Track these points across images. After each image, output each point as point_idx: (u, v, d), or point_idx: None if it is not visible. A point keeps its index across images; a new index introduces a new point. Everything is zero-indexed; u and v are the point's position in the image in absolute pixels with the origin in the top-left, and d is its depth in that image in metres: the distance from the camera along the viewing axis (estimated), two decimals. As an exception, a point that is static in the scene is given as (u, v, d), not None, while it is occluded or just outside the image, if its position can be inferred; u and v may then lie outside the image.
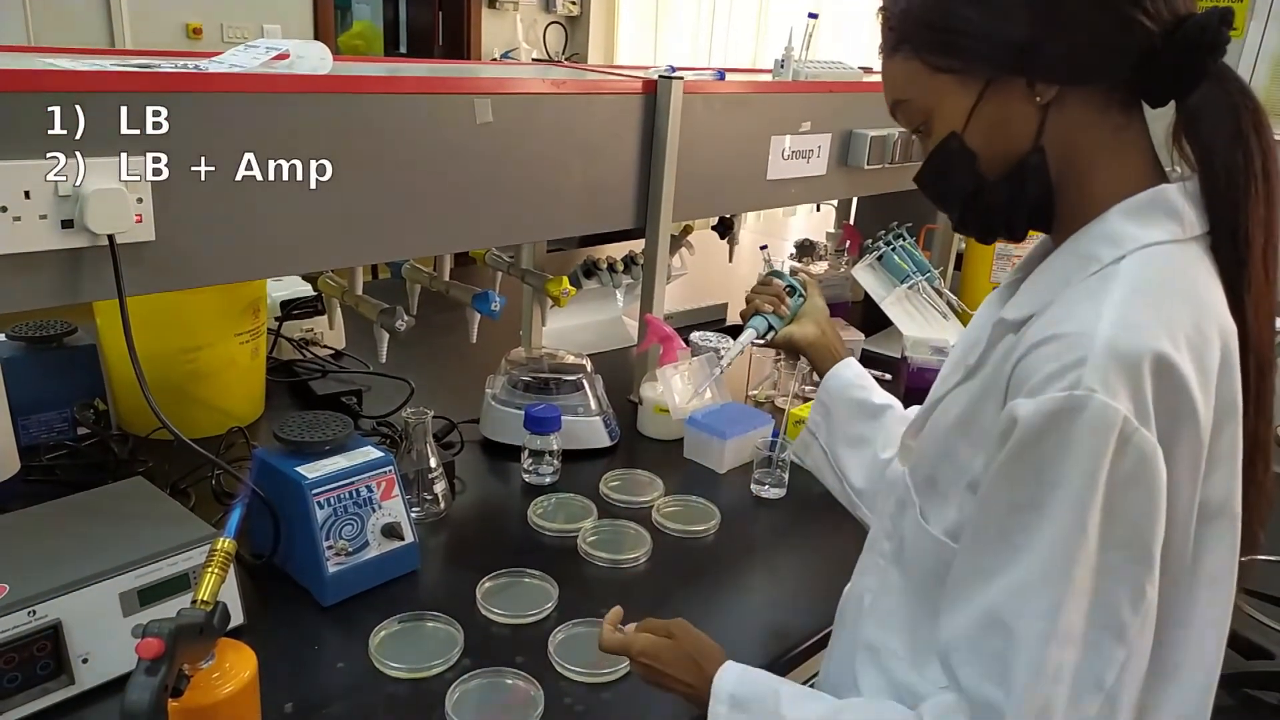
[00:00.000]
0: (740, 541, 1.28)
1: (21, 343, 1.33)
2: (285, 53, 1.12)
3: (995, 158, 0.74)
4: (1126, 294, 0.66)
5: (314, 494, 1.04)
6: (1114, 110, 0.72)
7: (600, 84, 1.43)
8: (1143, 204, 0.71)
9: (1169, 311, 0.66)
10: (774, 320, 1.16)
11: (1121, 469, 0.62)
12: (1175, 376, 0.63)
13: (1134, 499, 0.63)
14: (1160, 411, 0.63)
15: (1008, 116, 0.73)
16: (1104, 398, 0.61)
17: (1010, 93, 0.72)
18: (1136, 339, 0.63)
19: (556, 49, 5.61)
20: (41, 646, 0.85)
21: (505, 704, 0.93)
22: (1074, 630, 0.64)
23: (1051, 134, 0.72)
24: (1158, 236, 0.69)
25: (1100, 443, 0.62)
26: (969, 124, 0.74)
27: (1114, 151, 0.73)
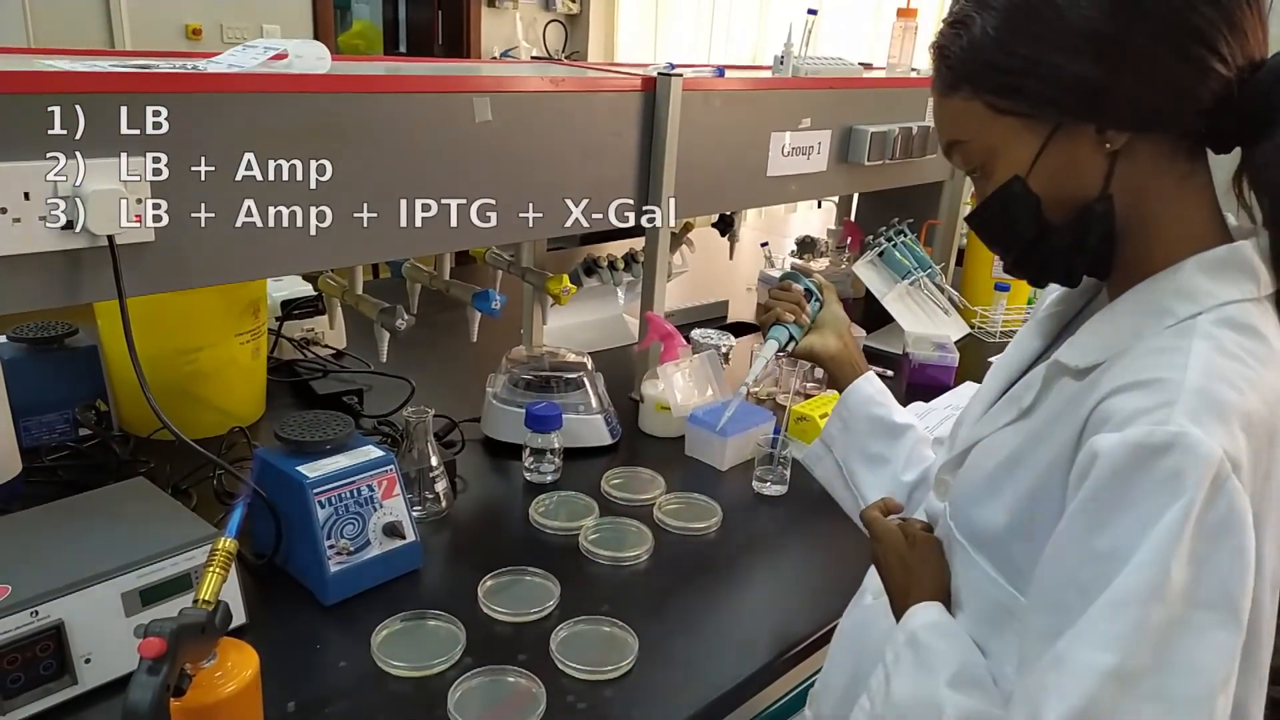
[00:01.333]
0: (742, 539, 1.28)
1: (23, 344, 1.33)
2: (283, 52, 1.12)
3: (1060, 204, 0.71)
4: (1211, 350, 0.64)
5: (315, 493, 1.04)
6: (1181, 158, 0.70)
7: (599, 82, 1.43)
8: (1220, 260, 0.69)
9: (1254, 372, 0.63)
10: (794, 330, 1.13)
11: (1213, 514, 0.58)
12: (1266, 437, 0.61)
13: (1223, 554, 0.58)
14: (1251, 468, 0.60)
15: (1075, 162, 0.70)
16: (1199, 434, 0.58)
17: (1079, 138, 0.69)
18: (1227, 391, 0.61)
19: (556, 47, 5.61)
20: (44, 647, 0.85)
21: (507, 702, 0.93)
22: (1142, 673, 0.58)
23: (1120, 182, 0.69)
24: (1234, 295, 0.67)
25: (1194, 481, 0.58)
26: (1034, 168, 0.71)
27: (1180, 200, 0.71)
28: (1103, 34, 0.66)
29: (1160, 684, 0.58)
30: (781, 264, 2.37)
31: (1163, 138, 0.69)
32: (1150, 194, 0.70)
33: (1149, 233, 0.71)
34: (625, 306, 2.06)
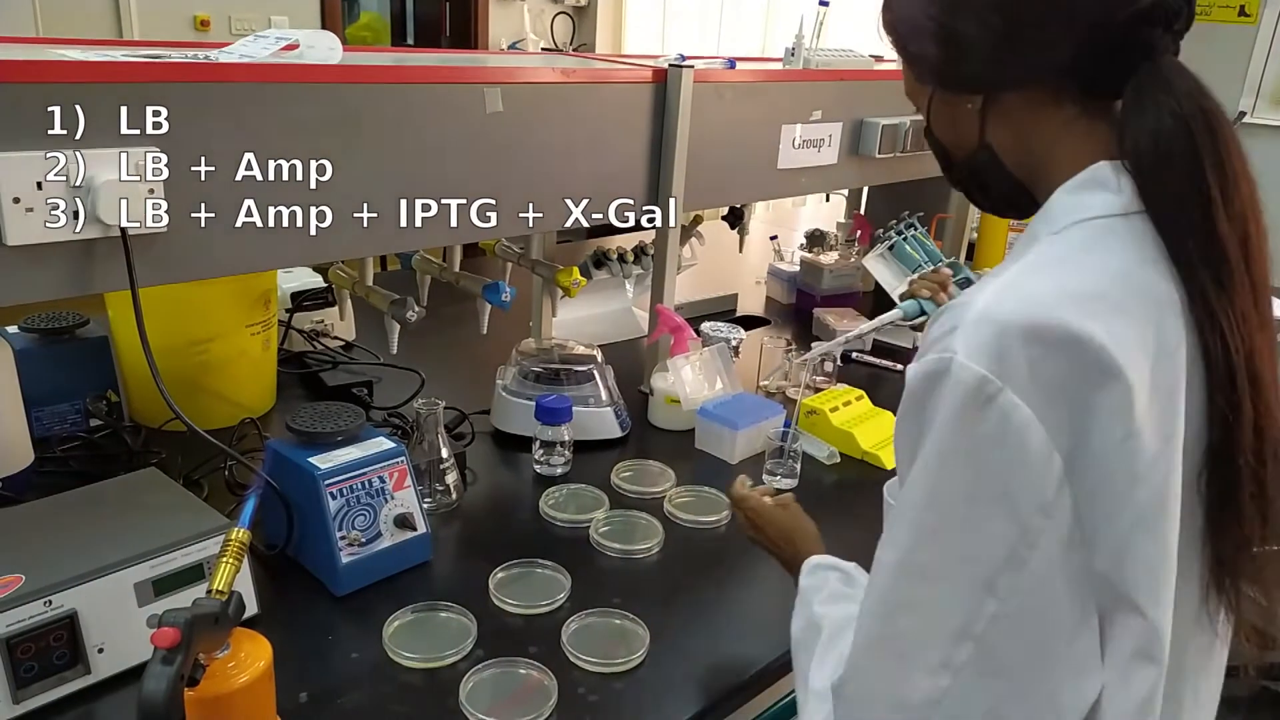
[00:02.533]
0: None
1: (34, 335, 1.33)
2: (295, 43, 1.12)
3: (955, 148, 0.83)
4: (1022, 267, 0.69)
5: (327, 484, 1.04)
6: (1066, 103, 0.75)
7: (610, 73, 1.42)
8: (1081, 180, 0.73)
9: (1060, 279, 0.67)
10: (928, 306, 1.17)
11: (983, 428, 0.63)
12: (1055, 339, 0.63)
13: (1000, 458, 0.63)
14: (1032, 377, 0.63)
15: (953, 118, 0.80)
16: (963, 359, 0.64)
17: (952, 98, 0.79)
18: (1009, 306, 0.65)
19: (564, 39, 5.60)
20: (58, 636, 0.86)
21: (519, 693, 0.93)
22: (929, 569, 0.66)
23: (995, 131, 0.78)
24: (1094, 210, 0.71)
25: (958, 402, 0.64)
26: (929, 120, 0.83)
27: (1068, 141, 0.75)
28: (933, 18, 0.76)
29: (941, 572, 0.65)
30: (791, 258, 2.37)
31: (1032, 91, 0.75)
32: (1033, 139, 0.77)
33: (1044, 172, 0.77)
34: (635, 299, 2.06)
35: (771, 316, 2.23)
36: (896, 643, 0.67)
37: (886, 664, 0.67)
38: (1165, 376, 0.66)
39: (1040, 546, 0.63)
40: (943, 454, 0.65)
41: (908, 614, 0.67)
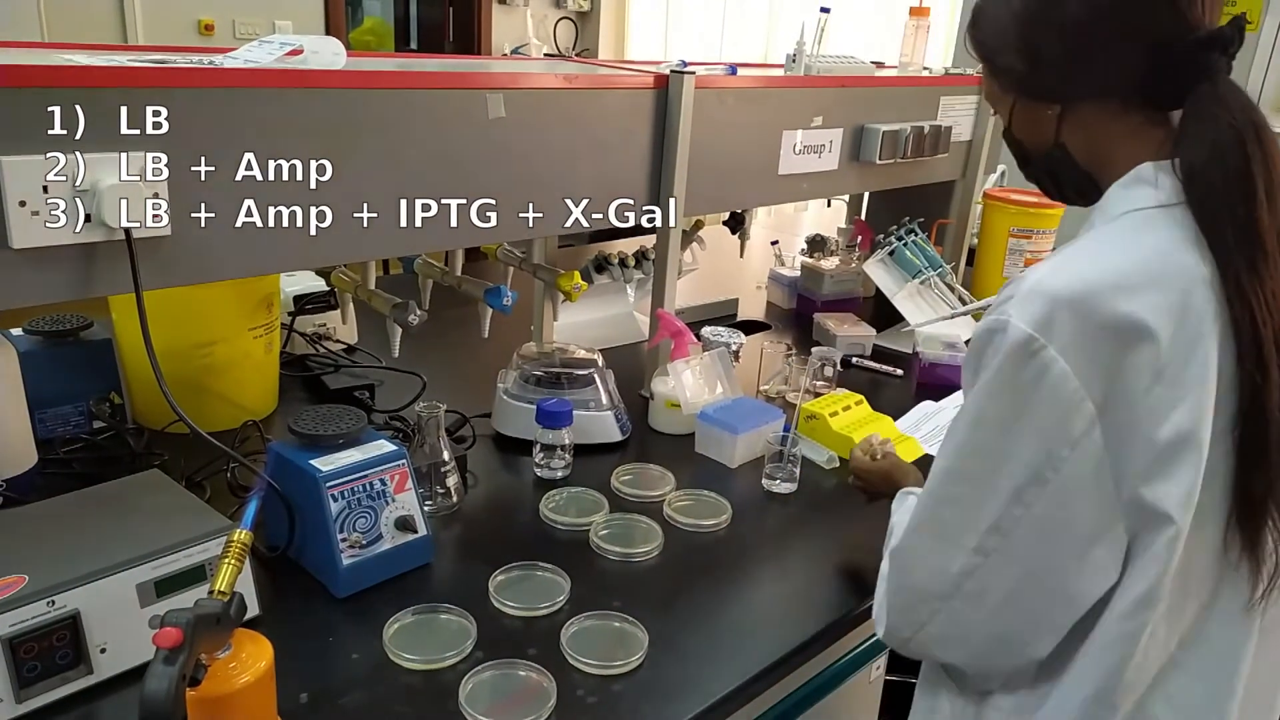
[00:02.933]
0: (752, 535, 1.28)
1: (38, 337, 1.34)
2: (299, 48, 1.12)
3: (1032, 147, 0.95)
4: (1076, 248, 0.83)
5: (328, 487, 1.05)
6: (1133, 112, 0.87)
7: (612, 79, 1.43)
8: (1129, 178, 0.86)
9: (1106, 259, 0.80)
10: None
11: (1025, 375, 0.78)
12: (1094, 309, 0.76)
13: (1035, 399, 0.78)
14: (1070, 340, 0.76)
15: (1033, 120, 0.92)
16: (1015, 321, 0.78)
17: (1032, 106, 0.91)
18: (1059, 280, 0.79)
19: (567, 44, 5.61)
20: (60, 636, 0.86)
21: (518, 695, 0.93)
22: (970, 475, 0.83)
23: (1068, 135, 0.90)
24: (1137, 203, 0.84)
25: (1007, 353, 0.78)
26: (1010, 121, 0.95)
27: (1131, 145, 0.87)
28: (1021, 38, 0.88)
29: (979, 479, 0.82)
30: (792, 263, 2.38)
31: (1105, 101, 0.87)
32: (1101, 142, 0.89)
33: (1108, 169, 0.88)
34: (636, 304, 2.06)
35: (772, 321, 2.24)
36: (941, 526, 0.85)
37: (932, 541, 0.86)
38: (1189, 333, 0.77)
39: (1064, 472, 0.78)
40: (990, 391, 0.80)
41: (951, 506, 0.84)
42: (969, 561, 0.82)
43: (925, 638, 0.87)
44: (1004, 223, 2.19)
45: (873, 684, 1.32)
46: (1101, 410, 0.77)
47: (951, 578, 0.83)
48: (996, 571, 0.82)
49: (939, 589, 0.85)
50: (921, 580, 0.86)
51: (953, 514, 0.84)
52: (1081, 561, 0.80)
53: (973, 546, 0.82)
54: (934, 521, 0.85)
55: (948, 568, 0.83)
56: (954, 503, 0.84)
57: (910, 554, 0.88)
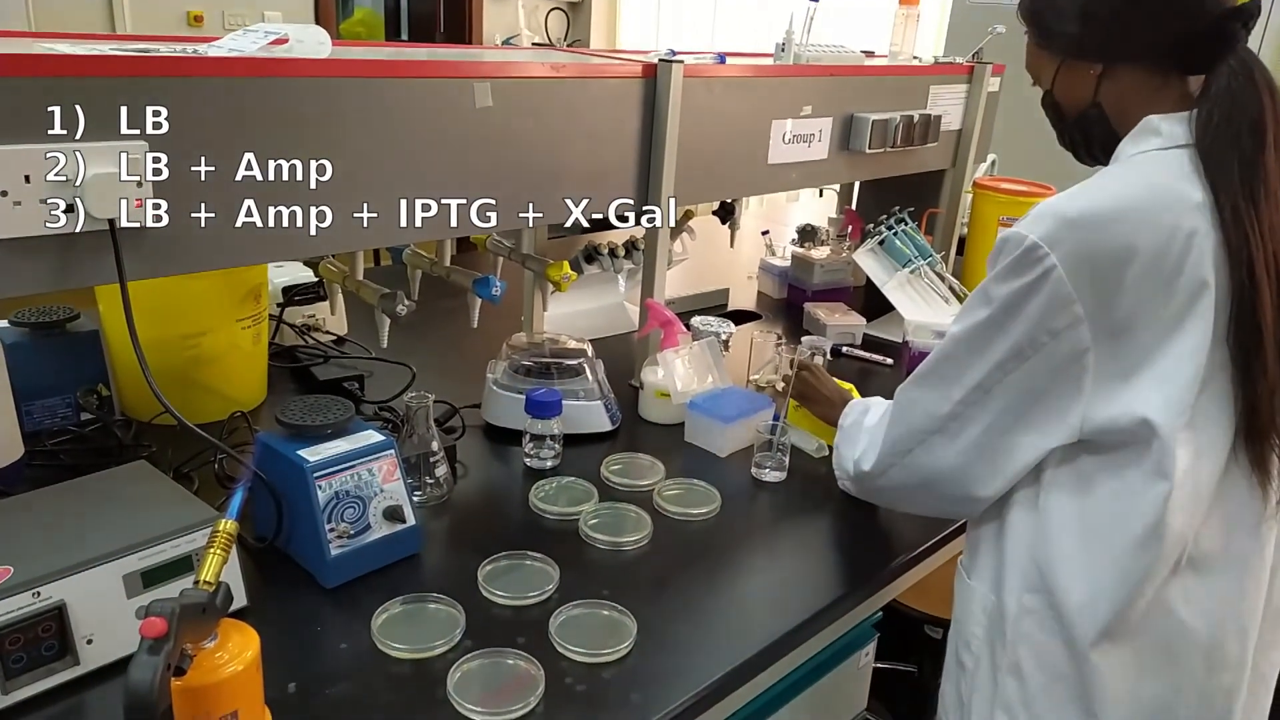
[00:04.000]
0: (741, 524, 1.29)
1: (25, 328, 1.33)
2: (284, 37, 1.12)
3: (1070, 108, 1.08)
4: (1088, 182, 0.96)
5: (316, 477, 1.04)
6: (1156, 76, 1.00)
7: (600, 68, 1.42)
8: (1138, 129, 0.99)
9: (1106, 188, 0.95)
10: None
11: (1024, 275, 0.93)
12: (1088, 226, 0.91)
13: (1028, 292, 0.93)
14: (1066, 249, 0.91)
15: (1074, 81, 1.05)
16: (1024, 232, 0.94)
17: (1075, 67, 1.05)
18: (1067, 203, 0.93)
19: (558, 34, 5.59)
20: (46, 627, 0.86)
21: (507, 684, 0.93)
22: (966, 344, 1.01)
23: (1105, 95, 1.03)
24: (1144, 147, 0.98)
25: (1014, 254, 0.94)
26: (1054, 85, 1.08)
27: (1155, 104, 0.99)
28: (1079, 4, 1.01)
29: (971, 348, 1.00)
30: (782, 252, 2.37)
31: (1136, 65, 1.01)
32: (1130, 102, 1.02)
33: (1132, 125, 1.01)
34: (626, 294, 2.06)
35: (763, 311, 2.24)
36: (940, 378, 1.04)
37: (931, 389, 1.05)
38: (1178, 249, 0.90)
39: (1040, 354, 0.95)
40: (997, 281, 0.96)
41: (950, 363, 1.02)
42: (954, 409, 1.02)
43: (899, 471, 1.10)
44: (994, 211, 2.20)
45: (861, 670, 1.33)
46: (1092, 315, 0.91)
47: (939, 419, 1.04)
48: (972, 419, 1.01)
49: (927, 425, 1.05)
50: (917, 419, 1.06)
51: (950, 369, 1.02)
52: (1032, 427, 0.98)
53: (959, 397, 1.01)
54: (935, 373, 1.04)
55: (938, 410, 1.03)
56: (953, 360, 1.02)
57: (909, 397, 1.08)
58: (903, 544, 1.26)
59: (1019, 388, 0.97)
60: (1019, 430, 0.99)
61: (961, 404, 1.01)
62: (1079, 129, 1.08)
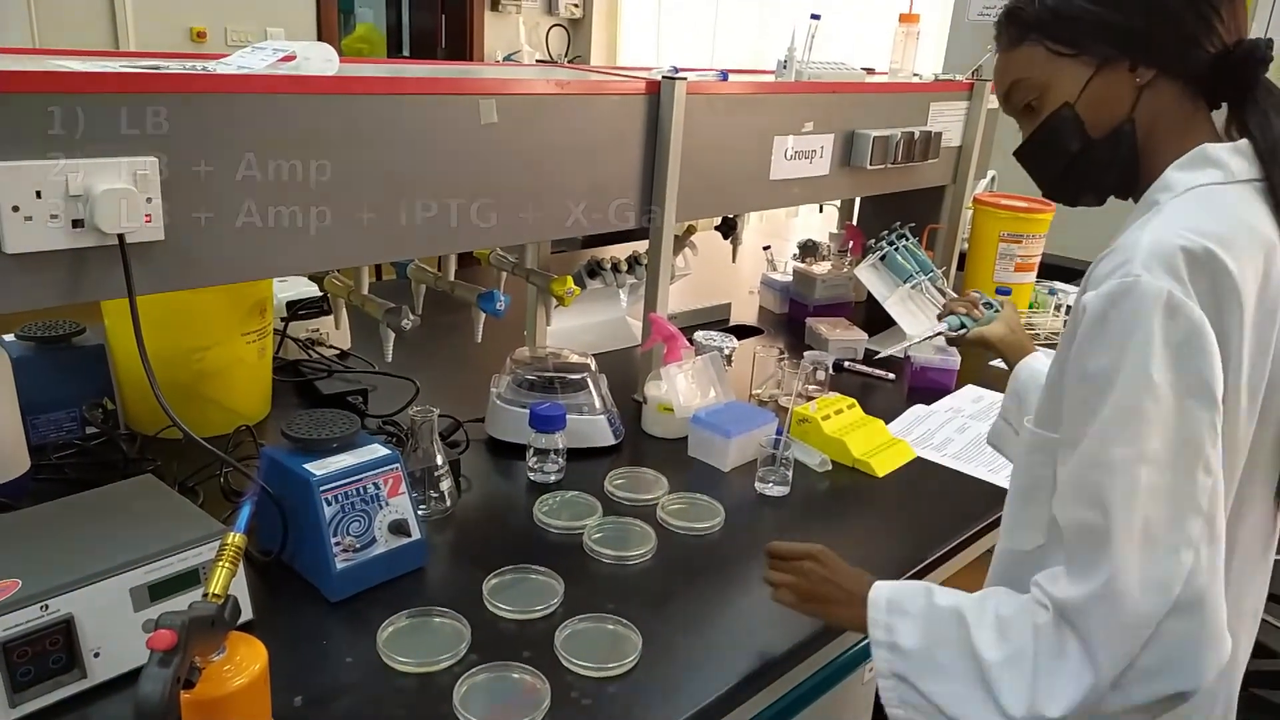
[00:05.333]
0: (745, 538, 1.29)
1: (31, 343, 1.34)
2: (291, 54, 1.13)
3: (1098, 124, 0.93)
4: (1167, 215, 0.84)
5: (322, 491, 1.05)
6: (1187, 100, 0.91)
7: (604, 84, 1.44)
8: (1190, 158, 0.88)
9: (1201, 222, 0.81)
10: (966, 320, 1.37)
11: (1176, 333, 0.76)
12: (1211, 262, 0.77)
13: (1192, 356, 0.76)
14: (1200, 292, 0.77)
15: (1113, 91, 0.92)
16: (1149, 278, 0.77)
17: (1117, 72, 0.91)
18: (1170, 239, 0.79)
19: (559, 51, 5.63)
20: (54, 641, 0.86)
21: (513, 698, 0.93)
22: (1160, 457, 0.75)
23: (1142, 110, 0.91)
24: (1203, 180, 0.86)
25: (1149, 311, 0.76)
26: (1081, 96, 0.92)
27: (1184, 132, 0.91)
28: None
29: (1170, 458, 0.76)
30: (784, 268, 2.38)
31: (1176, 81, 0.90)
32: (1162, 124, 0.91)
33: (1157, 156, 0.91)
34: (628, 309, 2.07)
35: (764, 326, 2.25)
36: (1149, 531, 0.75)
37: (1144, 554, 0.75)
38: (1265, 303, 0.81)
39: (1224, 432, 0.78)
40: (1148, 357, 0.76)
41: (1154, 500, 0.75)
42: (1181, 562, 0.74)
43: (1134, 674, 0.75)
44: (994, 227, 2.21)
45: (866, 686, 1.32)
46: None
47: (1171, 589, 0.74)
48: (1206, 562, 0.74)
49: (1158, 611, 0.74)
50: (1140, 608, 0.74)
51: (1155, 509, 0.75)
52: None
53: (1181, 541, 0.74)
54: (1138, 527, 0.74)
55: (1164, 579, 0.74)
56: (1153, 495, 0.75)
57: (1121, 583, 0.74)
58: (908, 559, 1.26)
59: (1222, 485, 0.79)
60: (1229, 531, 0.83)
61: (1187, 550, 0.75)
62: (1106, 150, 0.93)
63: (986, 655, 0.80)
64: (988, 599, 0.86)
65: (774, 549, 1.05)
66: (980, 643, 0.81)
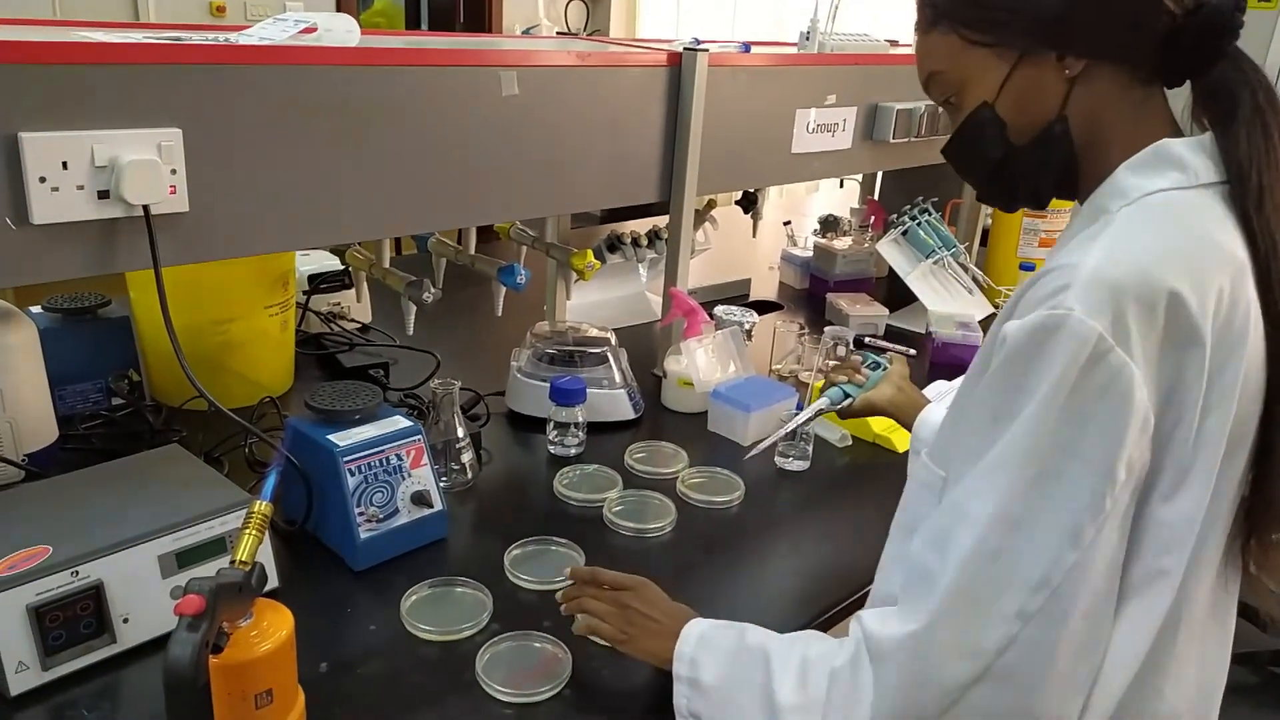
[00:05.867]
0: (764, 512, 1.29)
1: (57, 314, 1.35)
2: (313, 26, 1.13)
3: (1023, 126, 0.80)
4: (1118, 232, 0.71)
5: (345, 461, 1.06)
6: (1135, 87, 0.77)
7: (625, 57, 1.43)
8: (1146, 158, 0.76)
9: (1157, 244, 0.70)
10: (850, 389, 1.24)
11: (1091, 383, 0.66)
12: (1171, 308, 0.67)
13: (1104, 414, 0.66)
14: (1148, 339, 0.66)
15: (1037, 87, 0.78)
16: (1081, 315, 0.66)
17: (1041, 66, 0.78)
18: (1120, 268, 0.67)
19: (578, 25, 5.59)
20: (84, 606, 0.88)
21: (535, 666, 0.94)
22: (1023, 520, 0.68)
23: (1075, 105, 0.78)
24: (1161, 185, 0.74)
25: (1072, 355, 0.66)
26: (1000, 94, 0.80)
27: (1134, 124, 0.78)
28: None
29: (1033, 522, 0.67)
30: (804, 243, 2.37)
31: (1118, 67, 0.77)
32: (1104, 118, 0.78)
33: (1104, 153, 0.78)
34: (648, 284, 2.06)
35: (784, 301, 2.24)
36: (979, 593, 0.69)
37: (966, 615, 0.69)
38: (1236, 331, 0.70)
39: (1119, 499, 0.68)
40: (1051, 407, 0.67)
41: (995, 563, 0.68)
42: (1007, 633, 0.68)
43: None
44: (1018, 202, 2.18)
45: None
46: (1157, 423, 0.68)
47: (984, 657, 0.68)
48: (1037, 639, 0.68)
49: (965, 676, 0.68)
50: (946, 668, 0.69)
51: (994, 572, 0.68)
52: (1111, 600, 0.71)
53: (1014, 611, 0.67)
54: (971, 587, 0.69)
55: (982, 645, 0.68)
56: (997, 558, 0.68)
57: (938, 637, 0.69)
58: (926, 533, 1.26)
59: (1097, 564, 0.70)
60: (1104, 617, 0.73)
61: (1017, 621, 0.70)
62: (1033, 157, 0.80)
63: (782, 699, 0.76)
64: (797, 641, 0.81)
65: (591, 575, 0.98)
66: (779, 686, 0.77)
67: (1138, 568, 0.71)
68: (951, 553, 0.70)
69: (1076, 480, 0.67)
